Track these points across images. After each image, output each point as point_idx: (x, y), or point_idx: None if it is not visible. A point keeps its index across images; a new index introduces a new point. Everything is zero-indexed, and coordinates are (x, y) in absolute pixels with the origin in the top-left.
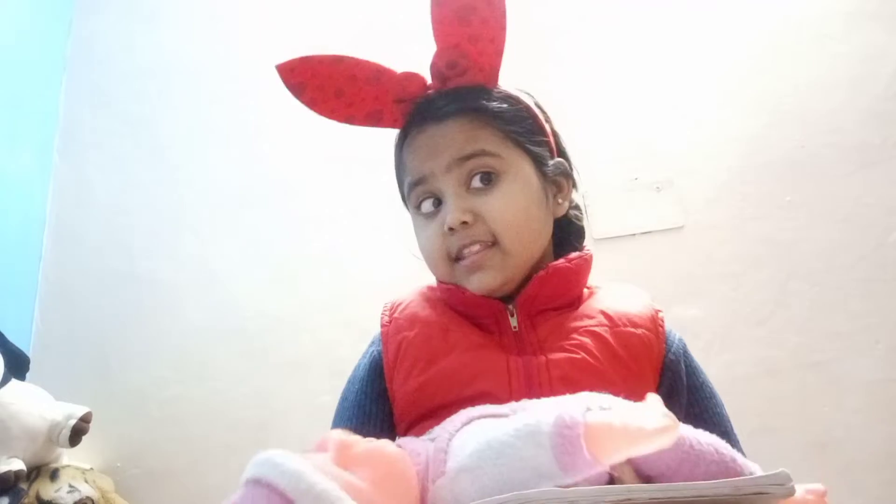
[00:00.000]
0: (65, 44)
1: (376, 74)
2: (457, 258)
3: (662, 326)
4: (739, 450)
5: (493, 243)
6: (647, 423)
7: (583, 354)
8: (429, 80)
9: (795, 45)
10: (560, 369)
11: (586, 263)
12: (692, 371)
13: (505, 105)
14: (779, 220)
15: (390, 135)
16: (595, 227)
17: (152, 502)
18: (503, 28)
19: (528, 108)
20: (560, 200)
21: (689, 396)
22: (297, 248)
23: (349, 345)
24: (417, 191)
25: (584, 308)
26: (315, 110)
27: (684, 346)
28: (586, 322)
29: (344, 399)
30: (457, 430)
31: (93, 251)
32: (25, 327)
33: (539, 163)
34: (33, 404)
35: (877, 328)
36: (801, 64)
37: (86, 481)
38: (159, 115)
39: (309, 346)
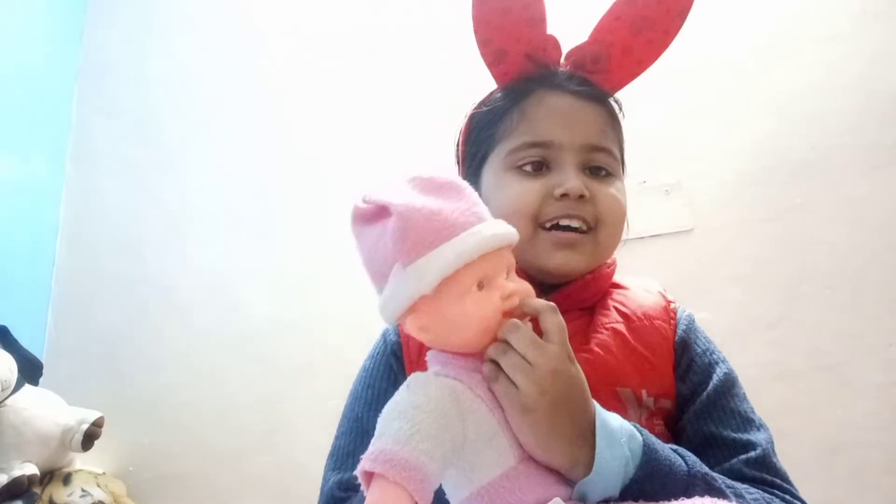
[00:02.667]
0: (77, 53)
1: (537, 21)
2: (545, 226)
3: (674, 312)
4: (751, 414)
5: (590, 230)
6: None
7: (599, 352)
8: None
9: (804, 47)
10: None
11: (613, 270)
12: (696, 340)
13: (621, 115)
14: (789, 222)
15: (396, 139)
16: None
17: None
18: (657, 58)
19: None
20: None
21: (693, 364)
22: (305, 254)
23: (358, 349)
24: (533, 151)
25: (603, 307)
26: (475, 12)
27: (690, 319)
28: (604, 321)
29: (356, 408)
30: None
31: (105, 258)
32: (39, 333)
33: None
34: (46, 409)
35: (889, 331)
36: (811, 65)
37: (98, 485)
38: (170, 123)
39: (318, 351)
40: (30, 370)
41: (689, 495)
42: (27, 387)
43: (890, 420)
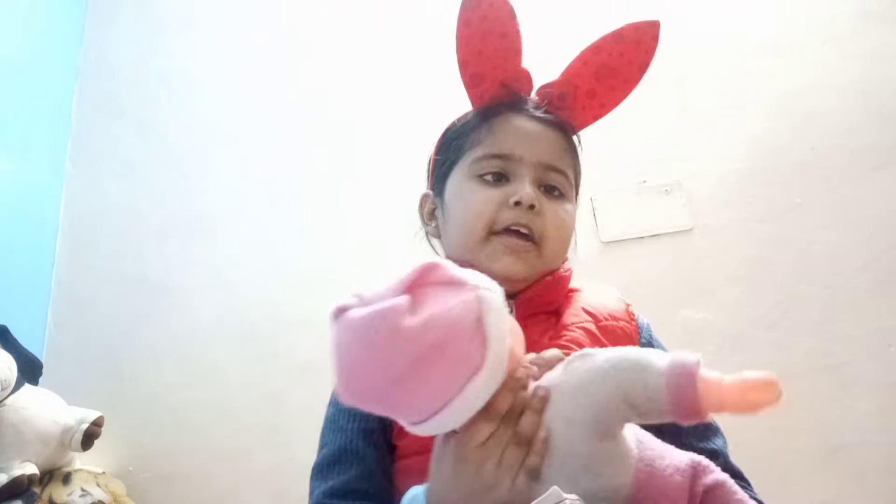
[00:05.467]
0: (77, 53)
1: (513, 53)
2: (496, 232)
3: (633, 315)
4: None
5: (535, 243)
6: (751, 375)
7: (574, 347)
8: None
9: (805, 47)
10: None
11: (571, 274)
12: (658, 346)
13: (580, 148)
14: (789, 222)
15: (400, 143)
16: (603, 229)
17: None
18: (619, 103)
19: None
20: None
21: None
22: (305, 252)
23: None
24: (494, 162)
25: (569, 309)
26: (458, 32)
27: (650, 327)
28: (573, 320)
29: (339, 418)
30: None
31: (105, 257)
32: (39, 333)
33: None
34: (46, 409)
35: (889, 331)
36: (811, 65)
37: (98, 485)
38: (170, 122)
39: (319, 349)
40: (30, 370)
41: None
42: (27, 386)
43: (890, 420)
